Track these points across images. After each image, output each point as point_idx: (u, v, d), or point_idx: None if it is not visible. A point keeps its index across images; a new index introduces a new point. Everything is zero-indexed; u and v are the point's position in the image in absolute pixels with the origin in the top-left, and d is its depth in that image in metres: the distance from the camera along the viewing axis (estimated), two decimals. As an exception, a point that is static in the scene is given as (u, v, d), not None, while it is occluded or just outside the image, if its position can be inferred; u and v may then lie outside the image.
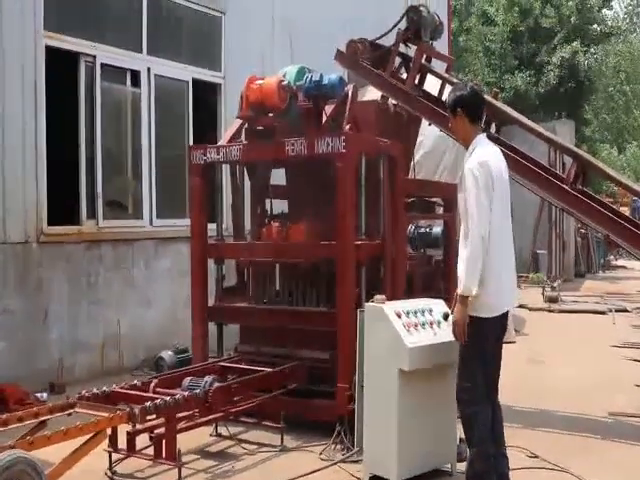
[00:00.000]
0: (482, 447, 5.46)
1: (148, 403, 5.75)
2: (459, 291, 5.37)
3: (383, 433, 5.74)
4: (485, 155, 5.52)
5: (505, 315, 5.60)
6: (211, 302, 8.02)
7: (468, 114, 5.67)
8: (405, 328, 5.69)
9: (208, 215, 8.06)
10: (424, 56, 8.93)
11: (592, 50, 31.13)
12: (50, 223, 9.12)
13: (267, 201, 8.30)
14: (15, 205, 8.69)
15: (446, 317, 5.88)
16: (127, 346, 9.99)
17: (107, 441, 5.88)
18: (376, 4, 14.40)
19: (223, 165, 8.16)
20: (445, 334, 5.76)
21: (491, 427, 5.51)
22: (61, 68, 9.34)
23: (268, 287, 7.89)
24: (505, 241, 5.58)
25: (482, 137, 5.71)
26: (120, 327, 9.90)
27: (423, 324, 5.84)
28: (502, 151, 6.77)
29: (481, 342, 5.42)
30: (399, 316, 5.76)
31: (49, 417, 5.76)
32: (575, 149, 8.65)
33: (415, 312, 5.91)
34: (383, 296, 6.12)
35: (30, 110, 8.86)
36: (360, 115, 7.74)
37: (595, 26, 31.78)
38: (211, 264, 8.04)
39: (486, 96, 8.49)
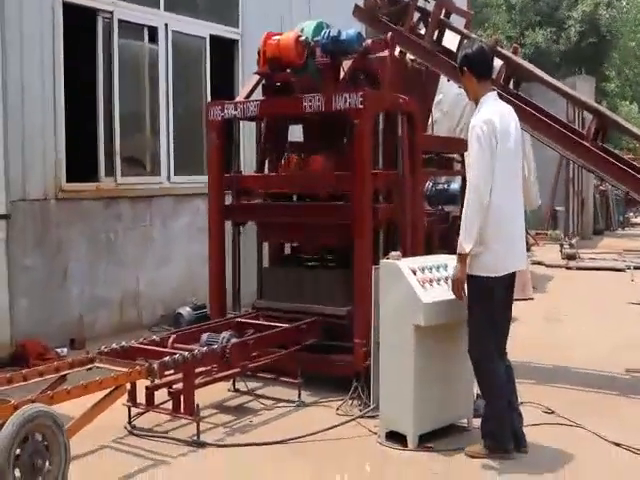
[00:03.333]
0: (496, 404, 5.51)
1: (167, 358, 5.78)
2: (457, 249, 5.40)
3: (399, 389, 5.76)
4: (491, 113, 5.48)
5: (512, 275, 5.60)
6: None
7: (475, 72, 5.63)
8: (420, 284, 5.68)
9: (225, 171, 8.05)
10: (443, 11, 8.83)
11: (615, 4, 30.69)
12: (68, 180, 9.16)
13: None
14: (34, 162, 8.72)
15: None
16: (145, 302, 10.08)
17: (126, 396, 5.95)
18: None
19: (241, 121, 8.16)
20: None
21: (505, 384, 5.54)
22: (79, 24, 9.31)
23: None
24: (513, 200, 5.55)
25: (491, 95, 5.66)
26: (139, 284, 9.98)
27: (438, 280, 5.83)
28: (521, 107, 6.74)
29: (488, 301, 5.44)
30: (414, 272, 5.74)
31: (69, 372, 5.82)
32: (595, 105, 8.57)
33: (430, 268, 5.90)
34: (398, 252, 6.12)
35: (48, 67, 8.85)
36: (378, 71, 7.69)
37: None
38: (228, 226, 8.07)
39: (505, 51, 8.45)
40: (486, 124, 5.41)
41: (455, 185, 9.52)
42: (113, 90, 9.82)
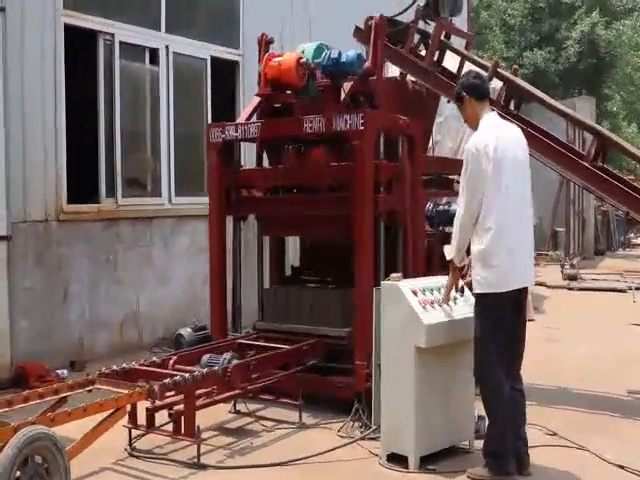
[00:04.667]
0: (499, 423, 5.48)
1: (167, 380, 5.76)
2: None
3: (400, 411, 5.75)
4: (486, 134, 5.57)
5: (518, 292, 5.58)
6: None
7: (472, 94, 5.76)
8: (421, 305, 5.69)
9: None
10: (443, 32, 8.86)
11: (613, 25, 30.82)
12: (69, 201, 9.16)
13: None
14: (35, 184, 8.72)
15: (462, 291, 5.89)
16: (146, 323, 10.06)
17: (127, 417, 5.93)
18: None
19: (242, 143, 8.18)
20: (462, 310, 5.77)
21: (510, 406, 5.50)
22: (80, 46, 9.34)
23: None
24: (515, 217, 5.56)
25: (490, 116, 5.77)
26: (139, 304, 9.96)
27: (440, 301, 5.84)
28: (521, 128, 6.75)
29: (494, 319, 5.43)
30: (415, 294, 5.75)
31: (69, 394, 5.80)
32: (595, 126, 8.58)
33: (431, 289, 5.91)
34: (399, 274, 6.13)
35: (49, 89, 8.88)
36: (378, 92, 7.70)
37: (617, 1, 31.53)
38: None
39: (506, 73, 8.47)
40: (478, 146, 5.49)
41: (456, 206, 9.51)
42: (114, 111, 9.84)
